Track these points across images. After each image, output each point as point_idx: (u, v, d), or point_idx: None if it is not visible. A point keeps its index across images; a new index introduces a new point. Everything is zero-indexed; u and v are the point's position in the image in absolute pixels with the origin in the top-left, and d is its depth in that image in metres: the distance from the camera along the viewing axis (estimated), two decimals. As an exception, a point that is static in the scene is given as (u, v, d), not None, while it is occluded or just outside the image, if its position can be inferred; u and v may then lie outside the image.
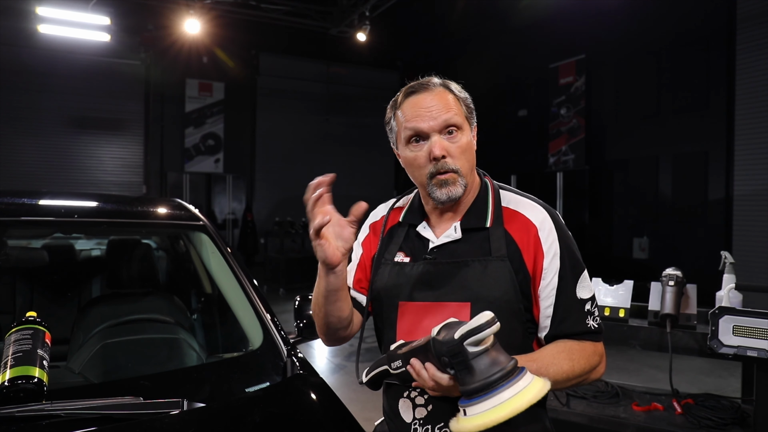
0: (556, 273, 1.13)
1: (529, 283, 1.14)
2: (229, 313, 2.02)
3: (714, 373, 4.87)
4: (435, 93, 1.16)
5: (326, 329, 1.24)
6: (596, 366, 1.14)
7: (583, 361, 1.11)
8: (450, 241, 1.19)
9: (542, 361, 1.07)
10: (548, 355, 1.09)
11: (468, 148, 1.17)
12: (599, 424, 2.18)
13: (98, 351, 1.65)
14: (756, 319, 1.90)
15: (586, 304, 1.15)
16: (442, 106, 1.14)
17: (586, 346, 1.13)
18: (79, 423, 1.17)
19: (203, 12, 9.33)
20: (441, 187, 1.15)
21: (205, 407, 1.32)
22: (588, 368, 1.12)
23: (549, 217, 1.17)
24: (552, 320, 1.13)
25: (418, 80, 1.21)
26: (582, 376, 1.12)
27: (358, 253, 1.33)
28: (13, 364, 1.20)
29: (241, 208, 12.15)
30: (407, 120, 1.16)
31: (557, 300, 1.13)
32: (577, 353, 1.11)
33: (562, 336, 1.14)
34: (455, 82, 1.23)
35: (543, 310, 1.14)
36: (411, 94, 1.18)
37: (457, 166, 1.14)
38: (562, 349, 1.11)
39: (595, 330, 1.15)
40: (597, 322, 1.16)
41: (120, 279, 2.26)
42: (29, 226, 2.16)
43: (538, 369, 1.05)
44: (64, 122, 10.72)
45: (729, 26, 7.21)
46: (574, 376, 1.10)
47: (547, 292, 1.14)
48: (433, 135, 1.14)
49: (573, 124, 9.51)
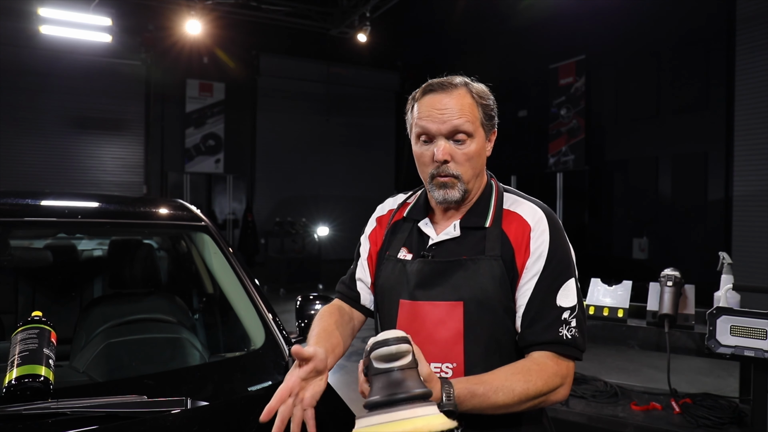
0: (536, 275, 1.12)
1: (516, 284, 1.14)
2: (231, 313, 2.03)
3: (713, 373, 4.88)
4: (453, 95, 1.14)
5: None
6: (557, 387, 1.06)
7: (540, 383, 1.04)
8: (449, 238, 1.20)
9: (491, 384, 1.01)
10: (500, 377, 1.03)
11: (475, 155, 1.16)
12: (598, 424, 2.20)
13: (102, 350, 1.66)
14: (753, 319, 1.92)
15: (564, 313, 1.10)
16: (456, 111, 1.12)
17: (547, 365, 1.06)
18: (85, 421, 1.19)
19: (204, 13, 9.35)
20: (439, 189, 1.16)
21: (208, 406, 1.34)
22: (544, 389, 1.04)
23: (545, 219, 1.16)
24: (522, 323, 1.11)
25: (441, 78, 1.18)
26: (538, 398, 1.04)
27: (366, 246, 1.34)
28: (20, 362, 1.22)
29: (242, 208, 12.16)
30: (419, 117, 1.16)
31: (530, 302, 1.11)
32: (534, 374, 1.04)
33: (530, 343, 1.10)
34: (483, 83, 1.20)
35: (518, 310, 1.13)
36: (429, 92, 1.16)
37: (459, 172, 1.14)
38: (517, 370, 1.05)
39: (566, 341, 1.08)
40: (571, 333, 1.09)
41: (122, 279, 2.27)
42: (33, 226, 2.18)
43: (485, 392, 1.00)
44: (65, 122, 10.75)
45: (729, 27, 7.22)
46: (527, 398, 1.03)
47: (522, 291, 1.12)
48: (440, 138, 1.14)
49: (573, 124, 9.53)
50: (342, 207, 12.40)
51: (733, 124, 7.13)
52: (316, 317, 1.25)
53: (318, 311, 1.29)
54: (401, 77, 13.80)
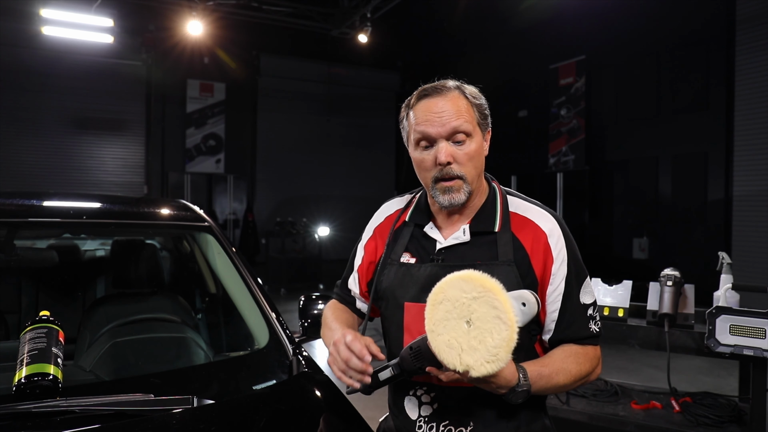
0: (563, 279, 1.17)
1: (536, 288, 1.17)
2: (234, 313, 2.05)
3: (713, 372, 4.90)
4: (448, 98, 1.16)
5: None
6: (596, 367, 1.21)
7: (587, 365, 1.18)
8: (458, 243, 1.21)
9: (552, 366, 1.13)
10: (557, 360, 1.15)
11: (476, 155, 1.18)
12: (598, 422, 2.22)
13: (108, 349, 1.68)
14: (752, 318, 1.93)
15: (588, 309, 1.20)
16: (453, 112, 1.14)
17: (588, 350, 1.20)
18: (93, 419, 1.20)
19: (205, 13, 9.36)
20: (444, 194, 1.17)
21: (214, 404, 1.35)
22: (590, 370, 1.19)
23: (557, 225, 1.21)
24: (557, 325, 1.18)
25: (433, 82, 1.21)
26: (584, 378, 1.18)
27: (360, 256, 1.36)
28: (29, 361, 1.24)
29: (242, 208, 12.18)
30: (417, 123, 1.17)
31: (563, 305, 1.18)
32: (581, 357, 1.18)
33: (566, 340, 1.19)
34: (472, 85, 1.23)
35: (549, 314, 1.19)
36: (424, 97, 1.18)
37: (463, 172, 1.16)
38: (568, 354, 1.17)
39: (596, 334, 1.21)
40: (598, 327, 1.22)
41: (125, 279, 2.28)
42: (38, 227, 2.19)
43: (549, 373, 1.11)
44: (66, 123, 10.76)
45: (728, 27, 7.23)
46: (579, 378, 1.17)
47: (553, 297, 1.18)
48: (441, 141, 1.15)
49: (573, 124, 9.54)
50: (342, 207, 12.41)
51: (733, 124, 7.15)
52: (326, 311, 1.36)
53: (322, 310, 1.36)
54: (401, 77, 13.82)
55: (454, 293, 0.99)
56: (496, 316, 0.97)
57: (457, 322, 0.99)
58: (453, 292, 0.99)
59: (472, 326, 0.98)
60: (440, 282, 1.02)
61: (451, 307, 0.99)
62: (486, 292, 0.98)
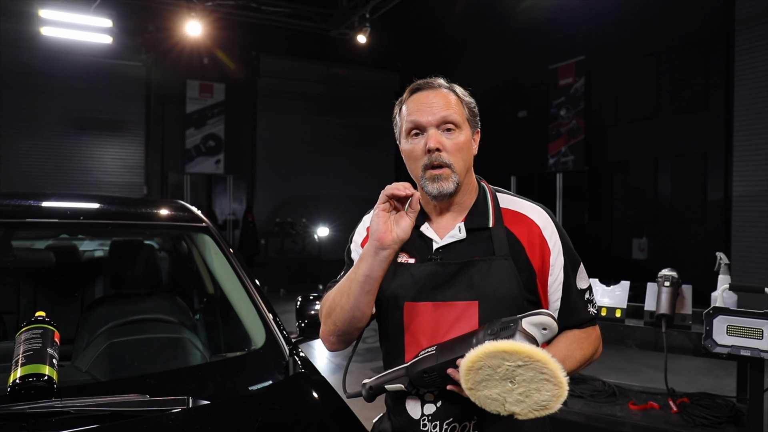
0: (561, 269, 1.22)
1: (535, 280, 1.20)
2: (231, 313, 2.05)
3: (712, 373, 4.90)
4: (438, 92, 1.21)
5: (346, 325, 1.23)
6: (598, 347, 1.27)
7: (590, 347, 1.23)
8: (455, 241, 1.22)
9: (559, 355, 1.13)
10: (562, 348, 1.19)
11: (464, 147, 1.20)
12: (596, 423, 2.21)
13: (104, 350, 1.68)
14: (749, 319, 1.93)
15: (585, 294, 1.26)
16: (443, 104, 1.19)
17: (589, 331, 1.26)
18: (89, 419, 1.20)
19: (204, 14, 9.37)
20: (433, 182, 1.18)
21: (210, 404, 1.35)
22: (593, 351, 1.25)
23: (549, 217, 1.25)
24: (560, 314, 1.23)
25: (426, 78, 1.26)
26: (588, 360, 1.23)
27: (356, 254, 1.36)
28: (24, 362, 1.24)
29: (242, 208, 12.18)
30: (409, 114, 1.21)
31: (564, 294, 1.23)
32: (584, 341, 1.23)
33: (569, 327, 1.23)
34: (462, 87, 1.28)
35: (551, 303, 1.23)
36: (416, 91, 1.23)
37: (451, 161, 1.17)
38: (572, 340, 1.22)
39: (594, 316, 1.27)
40: (595, 308, 1.29)
41: (123, 280, 2.29)
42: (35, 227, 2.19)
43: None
44: (66, 123, 10.76)
45: (728, 28, 7.24)
46: (584, 362, 1.21)
47: (555, 287, 1.22)
48: (431, 128, 1.18)
49: (572, 125, 9.55)
50: (342, 207, 12.41)
51: (732, 125, 7.15)
52: (326, 296, 1.32)
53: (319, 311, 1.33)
54: (401, 78, 13.80)
55: (495, 362, 0.99)
56: (544, 378, 0.98)
57: (500, 382, 1.00)
58: (494, 362, 0.99)
59: (517, 384, 1.00)
60: (476, 351, 1.00)
61: (492, 372, 1.00)
62: (533, 362, 0.98)
